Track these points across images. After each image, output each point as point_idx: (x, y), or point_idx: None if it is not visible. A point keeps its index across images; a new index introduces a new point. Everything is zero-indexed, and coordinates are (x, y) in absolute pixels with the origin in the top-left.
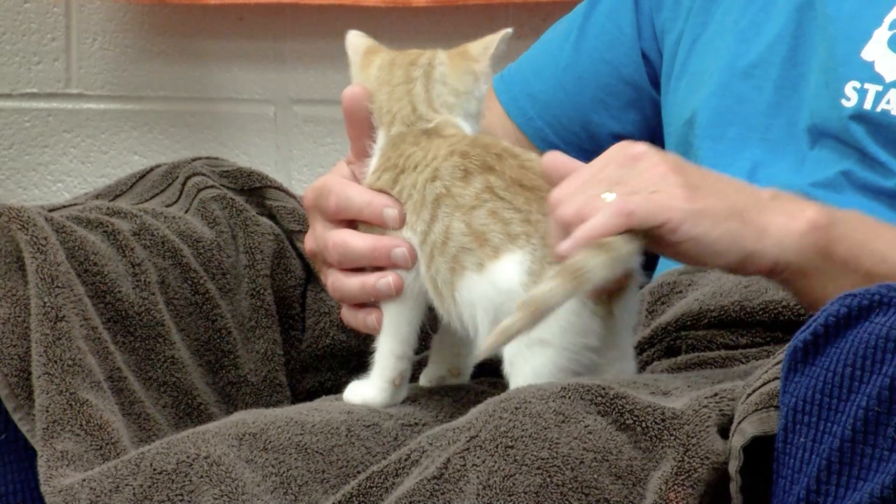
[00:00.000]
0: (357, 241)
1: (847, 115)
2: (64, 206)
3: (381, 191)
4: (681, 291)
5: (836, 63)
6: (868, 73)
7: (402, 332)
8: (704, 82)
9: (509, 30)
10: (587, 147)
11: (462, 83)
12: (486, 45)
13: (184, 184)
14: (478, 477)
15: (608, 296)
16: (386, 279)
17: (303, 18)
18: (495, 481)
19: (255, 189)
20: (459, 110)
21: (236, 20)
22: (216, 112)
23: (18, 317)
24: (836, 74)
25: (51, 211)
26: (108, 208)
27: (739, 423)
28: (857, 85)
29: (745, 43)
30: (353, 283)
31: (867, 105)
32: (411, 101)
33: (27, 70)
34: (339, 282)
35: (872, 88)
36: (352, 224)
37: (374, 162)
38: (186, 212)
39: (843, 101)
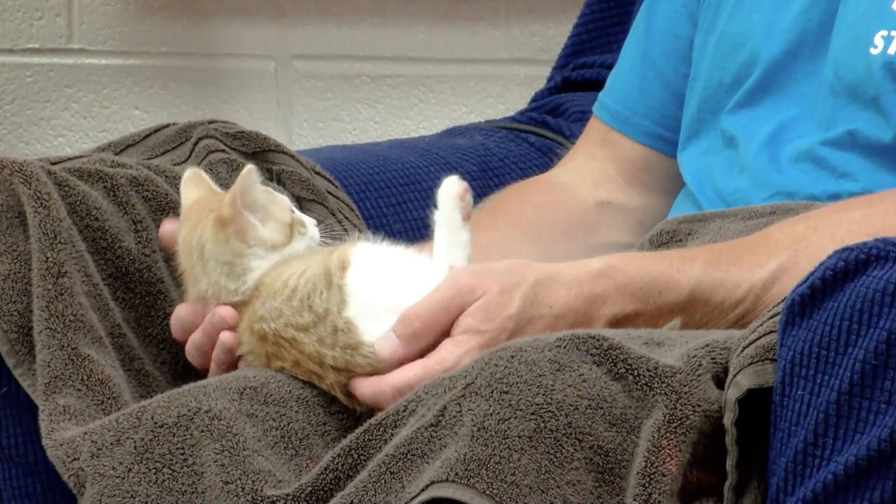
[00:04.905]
0: None
1: (873, 63)
2: (69, 159)
3: None
4: (680, 240)
5: (868, 17)
6: None
7: None
8: (737, 48)
9: (251, 166)
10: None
11: (225, 254)
12: (231, 200)
13: (195, 144)
14: (472, 420)
15: None
16: None
17: None
18: (490, 424)
19: (262, 153)
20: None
21: None
22: (217, 68)
23: (19, 272)
24: (866, 28)
25: (54, 164)
26: (112, 161)
27: (735, 375)
28: (885, 33)
29: (779, 11)
30: None
31: (891, 51)
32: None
33: (29, 26)
34: None
35: None
36: None
37: None
38: None
39: (871, 50)
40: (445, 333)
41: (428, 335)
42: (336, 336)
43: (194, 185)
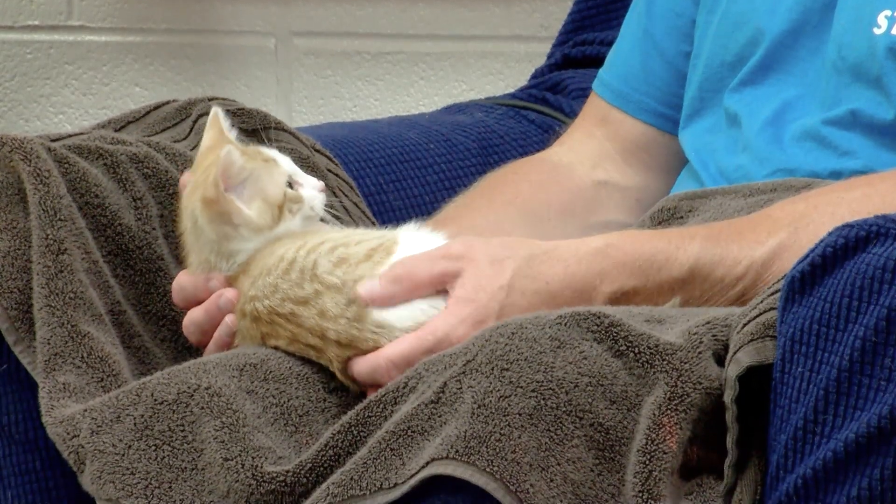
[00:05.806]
0: None
1: (876, 43)
2: (69, 136)
3: None
4: (681, 217)
5: None
6: None
7: None
8: (740, 26)
9: (228, 147)
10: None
11: (212, 234)
12: (213, 182)
13: (195, 121)
14: (472, 397)
15: None
16: None
17: None
18: (490, 401)
19: (262, 130)
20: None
21: None
22: (217, 44)
23: (19, 249)
24: (870, 8)
25: (54, 141)
26: (112, 138)
27: (735, 352)
28: (889, 13)
29: None
30: None
31: (894, 31)
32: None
33: (29, 2)
34: None
35: None
36: None
37: None
38: (192, 149)
39: (875, 30)
40: (423, 291)
41: (405, 283)
42: (347, 308)
43: (212, 128)
